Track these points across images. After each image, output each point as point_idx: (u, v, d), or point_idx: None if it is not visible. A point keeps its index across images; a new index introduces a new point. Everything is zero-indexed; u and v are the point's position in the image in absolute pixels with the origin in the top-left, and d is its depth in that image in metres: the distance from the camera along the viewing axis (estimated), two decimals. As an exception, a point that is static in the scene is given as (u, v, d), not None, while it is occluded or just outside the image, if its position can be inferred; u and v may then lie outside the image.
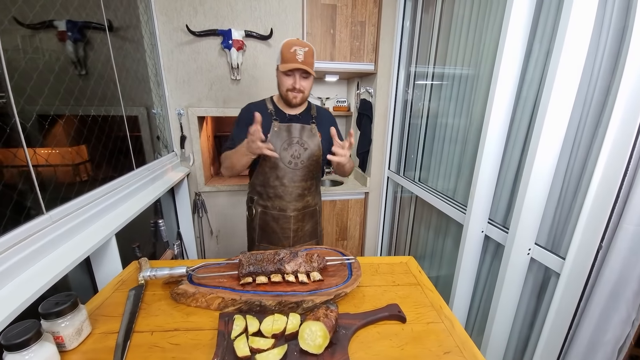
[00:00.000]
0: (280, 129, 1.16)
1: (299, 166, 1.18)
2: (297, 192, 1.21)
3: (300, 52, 1.06)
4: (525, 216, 0.92)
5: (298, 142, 1.17)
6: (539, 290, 0.99)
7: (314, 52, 1.11)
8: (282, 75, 1.13)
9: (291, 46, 1.07)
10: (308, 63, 1.08)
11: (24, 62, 0.90)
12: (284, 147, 1.16)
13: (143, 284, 0.77)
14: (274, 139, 1.14)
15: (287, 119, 1.19)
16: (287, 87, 1.13)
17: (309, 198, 1.26)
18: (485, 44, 1.15)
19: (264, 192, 1.23)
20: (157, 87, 1.70)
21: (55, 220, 0.83)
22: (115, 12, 1.36)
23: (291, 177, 1.19)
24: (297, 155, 1.17)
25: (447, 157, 1.44)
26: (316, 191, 1.31)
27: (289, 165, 1.17)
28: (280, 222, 1.24)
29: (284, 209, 1.22)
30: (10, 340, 0.46)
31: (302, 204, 1.24)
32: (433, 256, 1.61)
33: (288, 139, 1.16)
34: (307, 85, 1.14)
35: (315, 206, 1.31)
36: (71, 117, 1.09)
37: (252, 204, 1.28)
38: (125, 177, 1.25)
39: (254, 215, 1.28)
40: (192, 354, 0.58)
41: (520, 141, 1.01)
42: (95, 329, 0.64)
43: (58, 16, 1.05)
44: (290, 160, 1.17)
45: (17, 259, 0.70)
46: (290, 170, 1.18)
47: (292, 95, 1.14)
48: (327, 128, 1.19)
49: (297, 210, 1.23)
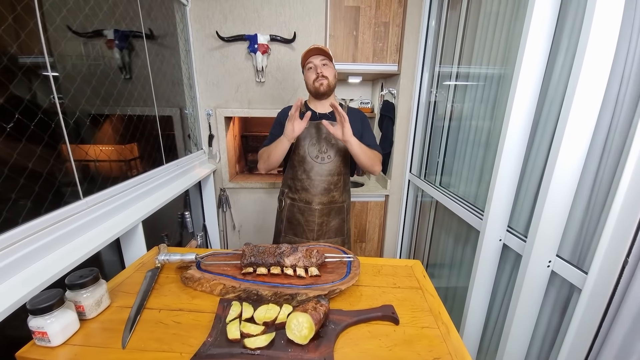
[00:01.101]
0: (310, 125, 1.23)
1: (325, 161, 1.25)
2: (322, 185, 1.26)
3: (316, 46, 1.20)
4: (545, 225, 0.86)
5: (326, 139, 1.24)
6: (562, 307, 0.91)
7: (331, 55, 1.22)
8: (306, 72, 1.24)
9: (308, 48, 1.21)
10: (325, 49, 1.19)
11: (85, 67, 1.06)
12: (312, 142, 1.24)
13: (159, 267, 0.85)
14: (303, 134, 1.23)
15: (317, 117, 1.26)
16: (312, 78, 1.22)
17: (335, 193, 1.29)
18: (514, 42, 1.08)
19: (293, 185, 1.30)
20: (189, 90, 1.84)
21: (90, 205, 0.94)
22: (156, 22, 1.50)
23: (317, 171, 1.25)
24: (324, 150, 1.24)
25: (469, 161, 1.38)
26: (344, 188, 1.34)
27: (316, 160, 1.24)
28: (306, 215, 1.29)
29: (309, 201, 1.27)
30: (35, 305, 0.54)
31: (327, 198, 1.28)
32: (452, 265, 1.54)
33: (317, 135, 1.24)
34: (329, 71, 1.22)
35: (343, 203, 1.34)
36: (120, 117, 1.24)
37: (282, 197, 1.36)
38: (154, 170, 1.37)
39: (283, 207, 1.35)
40: (190, 332, 0.63)
41: (546, 144, 0.94)
42: (113, 302, 0.72)
43: (107, 26, 1.20)
44: (317, 154, 1.24)
45: (58, 235, 0.81)
46: (317, 165, 1.25)
47: (318, 83, 1.21)
48: (357, 124, 1.28)
49: (322, 204, 1.28)
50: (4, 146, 0.74)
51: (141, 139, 1.36)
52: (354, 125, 1.23)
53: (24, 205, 0.76)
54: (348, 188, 1.38)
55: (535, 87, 0.93)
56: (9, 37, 0.76)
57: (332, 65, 1.25)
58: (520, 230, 1.04)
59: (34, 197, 0.79)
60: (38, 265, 0.75)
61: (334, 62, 1.26)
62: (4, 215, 0.70)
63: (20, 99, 0.79)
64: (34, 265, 0.74)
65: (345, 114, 1.10)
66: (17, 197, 0.75)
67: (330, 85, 1.24)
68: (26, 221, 0.75)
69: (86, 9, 1.05)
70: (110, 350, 0.58)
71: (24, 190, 0.77)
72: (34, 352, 0.56)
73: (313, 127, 1.25)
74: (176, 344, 0.59)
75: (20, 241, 0.72)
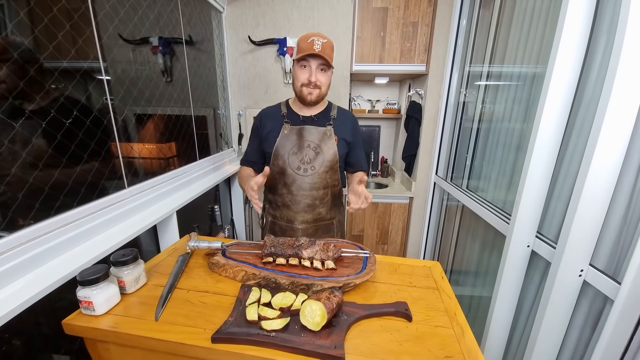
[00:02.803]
0: (291, 131, 1.07)
1: (308, 172, 1.06)
2: (305, 201, 1.08)
3: (318, 43, 0.95)
4: (578, 231, 0.81)
5: (309, 146, 1.06)
6: (594, 320, 0.85)
7: (333, 47, 1.02)
8: (297, 68, 1.01)
9: (309, 37, 0.98)
10: (327, 54, 0.97)
11: (132, 72, 1.19)
12: (292, 151, 1.06)
13: (189, 253, 0.92)
14: (282, 142, 1.06)
15: (300, 121, 1.09)
16: (302, 81, 1.01)
17: (322, 210, 1.12)
18: (550, 39, 1.03)
19: (273, 200, 1.15)
20: (222, 91, 1.96)
21: (134, 194, 1.05)
22: (195, 29, 1.63)
23: (299, 185, 1.07)
24: (307, 161, 1.06)
25: (499, 165, 1.32)
26: (332, 203, 1.15)
27: (298, 172, 1.06)
28: (288, 235, 1.12)
29: (291, 219, 1.11)
30: (84, 277, 0.63)
31: (312, 216, 1.11)
32: (478, 273, 1.49)
33: (298, 143, 1.06)
34: (325, 80, 1.02)
35: (332, 220, 1.15)
36: (161, 117, 1.37)
37: (264, 212, 1.20)
38: (189, 165, 1.48)
39: (264, 225, 1.21)
40: (214, 312, 0.69)
41: (582, 145, 0.88)
42: (149, 280, 0.80)
43: (152, 34, 1.33)
44: (299, 165, 1.06)
45: (106, 218, 0.92)
46: (299, 177, 1.07)
47: (306, 92, 1.02)
48: (347, 131, 1.11)
49: (306, 222, 1.11)
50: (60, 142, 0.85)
51: (178, 137, 1.48)
52: (342, 129, 1.10)
53: (78, 191, 0.88)
54: (339, 202, 1.21)
55: (569, 86, 0.88)
56: (68, 43, 0.88)
57: (330, 70, 1.03)
58: (551, 237, 0.99)
59: (87, 185, 0.90)
60: (88, 244, 0.85)
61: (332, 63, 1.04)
62: (60, 200, 0.81)
63: (76, 100, 0.91)
64: (85, 243, 0.85)
65: (370, 196, 0.90)
66: (72, 185, 0.86)
67: (321, 96, 1.05)
68: (80, 205, 0.86)
69: (135, 18, 1.17)
70: (145, 321, 0.65)
71: (79, 179, 0.89)
72: (80, 319, 0.65)
73: (294, 133, 1.06)
74: (201, 321, 0.65)
75: (74, 222, 0.83)
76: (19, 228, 0.71)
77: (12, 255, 0.68)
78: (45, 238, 0.75)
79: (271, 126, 1.11)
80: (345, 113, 1.16)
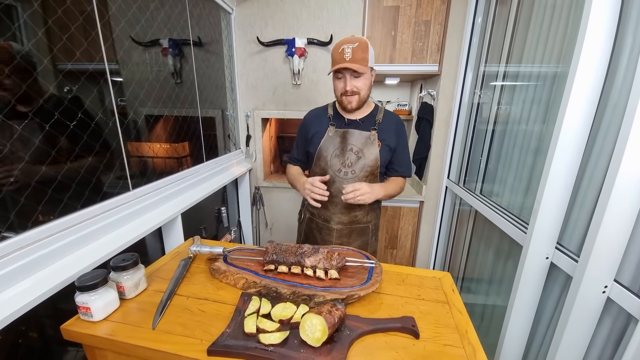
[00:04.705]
0: (335, 134, 1.10)
1: (349, 176, 1.09)
2: (343, 203, 1.09)
3: (348, 50, 0.96)
4: (602, 244, 0.75)
5: (352, 150, 1.08)
6: (617, 339, 0.78)
7: (367, 46, 0.99)
8: (334, 80, 1.05)
9: (340, 46, 0.99)
10: (358, 59, 0.96)
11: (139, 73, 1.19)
12: (335, 153, 1.09)
13: (191, 257, 0.91)
14: (326, 145, 1.10)
15: (344, 124, 1.11)
16: (340, 91, 1.05)
17: (359, 213, 1.15)
18: (573, 37, 0.97)
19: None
20: (230, 92, 1.95)
21: (138, 196, 1.05)
22: (204, 30, 1.63)
23: (338, 187, 1.09)
24: (348, 164, 1.08)
25: (516, 169, 1.26)
26: (370, 207, 1.17)
27: (338, 174, 1.09)
28: (323, 233, 1.16)
29: (328, 219, 1.15)
30: (82, 283, 0.61)
31: (348, 218, 1.14)
32: (491, 282, 1.42)
33: (341, 146, 1.09)
34: (362, 84, 1.02)
35: (368, 224, 1.17)
36: (170, 118, 1.38)
37: (302, 208, 1.26)
38: (195, 167, 1.47)
39: (302, 220, 1.25)
40: (212, 321, 0.66)
41: (608, 151, 0.82)
42: (149, 286, 0.78)
43: (162, 35, 1.33)
44: (340, 168, 1.09)
45: (110, 221, 0.92)
46: (339, 179, 1.10)
47: (346, 101, 1.04)
48: (392, 136, 1.11)
49: (341, 223, 1.14)
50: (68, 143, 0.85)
51: (185, 138, 1.48)
52: (387, 134, 1.10)
53: (82, 193, 0.88)
54: (377, 207, 1.22)
55: (594, 86, 0.82)
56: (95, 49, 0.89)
57: (368, 73, 1.02)
58: (573, 249, 0.92)
59: (92, 187, 0.90)
60: (89, 248, 0.85)
61: (372, 63, 1.03)
62: (64, 202, 0.81)
63: (81, 100, 0.91)
64: (86, 247, 0.85)
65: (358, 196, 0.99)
66: (76, 186, 0.86)
67: (362, 100, 1.06)
68: (83, 208, 0.86)
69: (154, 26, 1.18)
70: (142, 329, 0.63)
71: (84, 181, 0.89)
72: (78, 325, 0.64)
73: (338, 136, 1.09)
74: (198, 331, 0.63)
75: (76, 225, 0.83)
76: (26, 229, 0.71)
77: (19, 256, 0.68)
78: (48, 241, 0.75)
79: (317, 128, 1.14)
80: (390, 117, 1.15)
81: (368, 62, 0.99)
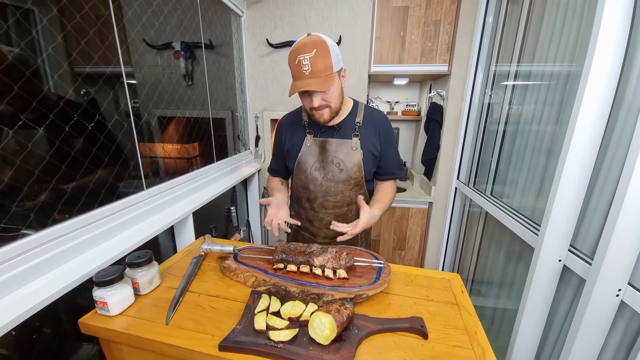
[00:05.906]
0: (314, 143, 0.98)
1: (331, 190, 0.99)
2: (328, 219, 1.02)
3: (305, 62, 0.79)
4: (617, 247, 0.73)
5: (333, 162, 0.97)
6: (630, 344, 0.76)
7: (327, 47, 0.81)
8: (299, 94, 0.90)
9: (295, 57, 0.81)
10: (319, 70, 0.80)
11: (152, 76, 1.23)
12: (315, 166, 0.98)
13: (202, 255, 0.93)
14: (305, 157, 0.99)
15: (321, 131, 0.98)
16: (307, 107, 0.91)
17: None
18: (586, 35, 0.95)
19: (298, 211, 1.10)
20: (240, 94, 1.98)
21: (152, 195, 1.08)
22: (214, 33, 1.66)
23: (321, 203, 1.01)
24: (330, 178, 0.98)
25: (527, 170, 1.24)
26: (357, 218, 1.04)
27: (320, 189, 0.99)
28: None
29: (314, 234, 1.08)
30: (100, 278, 0.64)
31: (334, 233, 0.98)
32: (502, 285, 1.40)
33: (321, 157, 0.97)
34: (331, 96, 0.87)
35: (356, 237, 1.05)
36: (182, 119, 1.41)
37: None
38: (206, 167, 1.50)
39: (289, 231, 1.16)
40: (222, 318, 0.68)
41: (624, 151, 0.80)
42: (163, 282, 0.81)
43: (175, 38, 1.37)
44: (322, 182, 0.99)
45: (125, 219, 0.94)
46: (322, 195, 1.00)
47: (317, 114, 0.91)
48: (376, 139, 0.98)
49: (328, 238, 1.06)
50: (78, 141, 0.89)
51: (196, 139, 1.51)
52: (369, 139, 0.98)
53: (99, 193, 0.91)
54: None
55: (608, 86, 0.80)
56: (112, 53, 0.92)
57: (336, 78, 0.85)
58: (586, 252, 0.90)
59: (108, 186, 0.93)
60: (105, 245, 0.88)
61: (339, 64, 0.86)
62: (82, 200, 0.84)
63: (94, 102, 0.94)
64: (102, 244, 0.87)
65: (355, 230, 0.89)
66: (94, 187, 0.89)
67: (335, 111, 0.91)
68: (100, 206, 0.89)
69: (167, 29, 1.21)
70: (156, 324, 0.65)
71: (100, 182, 0.92)
72: (95, 319, 0.66)
73: (317, 146, 0.97)
74: (210, 327, 0.65)
75: (94, 223, 0.86)
76: (46, 226, 0.74)
77: (39, 252, 0.71)
78: (66, 237, 0.78)
79: (293, 140, 1.03)
80: (372, 116, 1.01)
81: (332, 67, 0.82)
